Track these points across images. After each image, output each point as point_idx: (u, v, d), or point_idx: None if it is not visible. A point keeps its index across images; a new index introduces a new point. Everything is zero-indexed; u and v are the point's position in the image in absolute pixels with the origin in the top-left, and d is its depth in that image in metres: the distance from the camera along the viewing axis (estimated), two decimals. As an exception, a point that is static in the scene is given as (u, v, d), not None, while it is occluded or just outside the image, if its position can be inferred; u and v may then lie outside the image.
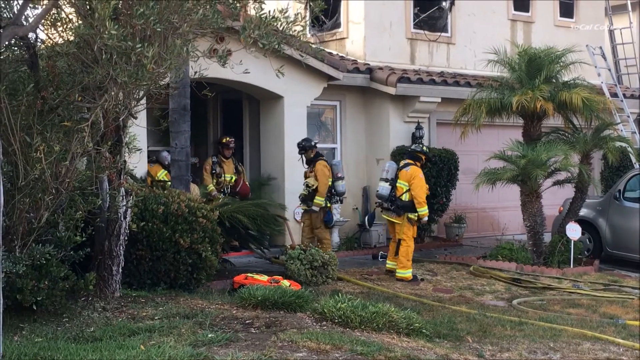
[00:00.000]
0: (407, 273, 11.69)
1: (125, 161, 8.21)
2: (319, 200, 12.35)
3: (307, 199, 12.49)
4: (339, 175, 12.51)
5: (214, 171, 14.05)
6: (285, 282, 9.80)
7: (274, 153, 14.53)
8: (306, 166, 12.66)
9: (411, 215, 11.73)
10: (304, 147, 12.56)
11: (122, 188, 8.16)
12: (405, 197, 11.71)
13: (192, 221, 9.32)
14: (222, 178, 14.07)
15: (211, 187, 13.84)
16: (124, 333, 6.65)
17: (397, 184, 11.78)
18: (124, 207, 8.20)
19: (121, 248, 8.27)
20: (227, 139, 14.31)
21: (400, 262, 11.71)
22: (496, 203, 17.04)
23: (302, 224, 12.97)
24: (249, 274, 10.21)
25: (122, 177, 8.10)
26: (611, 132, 14.38)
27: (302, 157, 12.64)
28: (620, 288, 11.60)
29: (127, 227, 8.31)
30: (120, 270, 8.31)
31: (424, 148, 12.73)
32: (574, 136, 13.78)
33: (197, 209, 9.47)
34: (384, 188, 11.79)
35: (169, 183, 12.01)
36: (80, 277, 7.70)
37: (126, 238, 8.34)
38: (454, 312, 9.50)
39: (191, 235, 9.22)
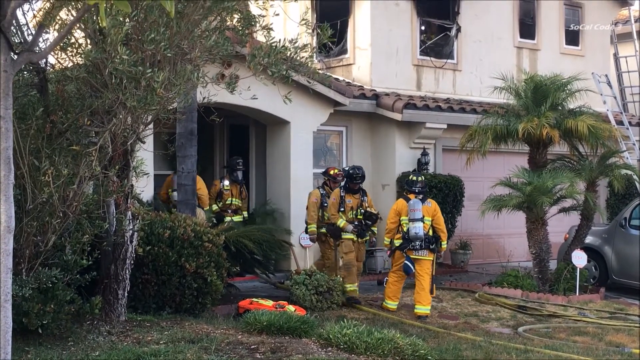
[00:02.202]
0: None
1: (132, 185, 8.25)
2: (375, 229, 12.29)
3: (364, 228, 11.90)
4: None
5: (325, 204, 12.27)
6: (291, 307, 9.79)
7: (280, 178, 14.56)
8: (343, 190, 11.96)
9: (433, 248, 11.35)
10: (364, 176, 12.16)
11: (129, 212, 8.19)
12: (430, 232, 11.29)
13: (198, 245, 9.33)
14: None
15: (313, 226, 12.21)
16: (129, 357, 6.64)
17: (425, 221, 11.26)
18: (131, 231, 8.23)
19: (127, 272, 8.28)
20: (336, 171, 12.73)
21: (427, 298, 11.12)
22: (502, 230, 17.02)
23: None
24: (254, 299, 10.20)
25: (129, 201, 8.14)
26: (617, 160, 14.39)
27: (358, 186, 12.01)
28: (627, 316, 11.55)
29: (133, 251, 8.33)
30: (126, 294, 8.32)
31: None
32: (579, 163, 13.79)
33: (203, 233, 9.49)
34: (420, 228, 11.11)
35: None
36: (86, 300, 7.71)
37: (132, 262, 8.35)
38: (460, 339, 9.47)
39: (197, 260, 9.23)
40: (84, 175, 7.27)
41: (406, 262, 11.19)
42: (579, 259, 12.84)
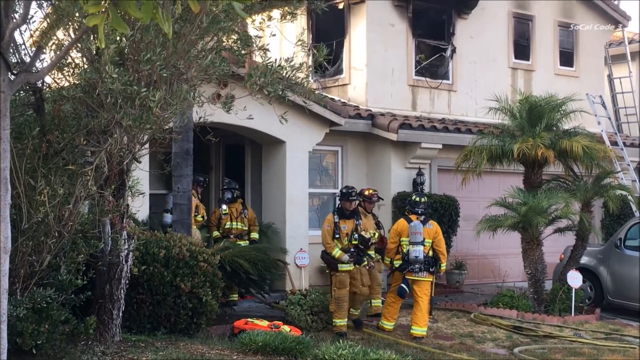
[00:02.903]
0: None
1: (128, 205, 8.24)
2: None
3: (360, 254, 11.17)
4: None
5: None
6: (286, 328, 9.76)
7: (276, 197, 14.55)
8: (336, 216, 11.18)
9: (432, 270, 11.28)
10: (357, 194, 11.49)
11: (124, 232, 8.18)
12: (430, 253, 11.19)
13: (193, 265, 9.31)
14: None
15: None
16: (124, 378, 6.62)
17: (425, 244, 11.16)
18: (126, 251, 8.21)
19: (122, 292, 8.25)
20: (371, 191, 12.31)
21: (424, 319, 11.06)
22: (497, 250, 17.01)
23: (340, 283, 11.14)
24: (249, 319, 10.17)
25: (124, 221, 8.12)
26: (612, 181, 14.43)
27: (353, 206, 11.36)
28: (622, 337, 11.54)
29: (128, 271, 8.30)
30: (121, 314, 8.29)
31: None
32: (574, 184, 13.82)
33: (199, 253, 9.47)
34: (420, 251, 11.00)
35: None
36: (81, 320, 7.68)
37: (127, 282, 8.33)
38: (455, 360, 9.45)
39: (192, 280, 9.20)
40: (79, 195, 7.26)
41: (402, 284, 11.14)
42: (574, 279, 12.84)
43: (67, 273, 7.43)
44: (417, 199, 11.58)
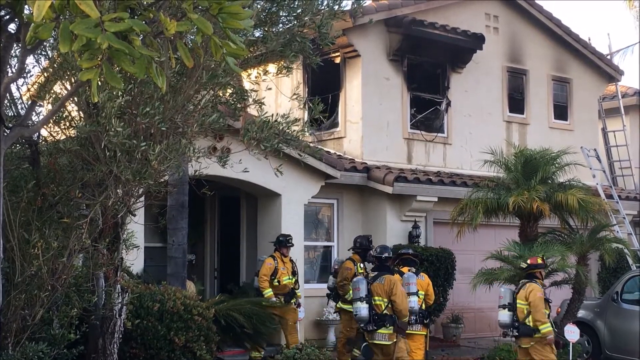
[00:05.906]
0: None
1: (122, 258, 8.20)
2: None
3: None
4: None
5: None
6: (281, 383, 9.65)
7: (271, 250, 14.46)
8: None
9: (427, 322, 11.40)
10: None
11: (118, 285, 8.12)
12: (423, 306, 11.30)
13: (188, 319, 9.24)
14: None
15: (549, 326, 10.64)
16: None
17: (419, 295, 11.26)
18: (120, 305, 8.14)
19: (115, 346, 8.16)
20: (539, 260, 11.29)
21: None
22: (493, 303, 16.82)
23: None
24: (243, 374, 10.06)
25: (118, 274, 8.08)
26: (607, 234, 14.42)
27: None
28: (621, 392, 11.42)
29: (121, 325, 8.22)
30: (114, 369, 8.19)
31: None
32: (570, 237, 13.80)
33: (193, 307, 9.41)
34: (415, 302, 10.95)
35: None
36: (73, 375, 7.59)
37: (120, 336, 8.24)
38: (452, 416, 9.33)
39: (186, 334, 9.12)
40: (73, 248, 7.23)
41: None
42: (572, 333, 12.71)
43: (60, 327, 7.36)
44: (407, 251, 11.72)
